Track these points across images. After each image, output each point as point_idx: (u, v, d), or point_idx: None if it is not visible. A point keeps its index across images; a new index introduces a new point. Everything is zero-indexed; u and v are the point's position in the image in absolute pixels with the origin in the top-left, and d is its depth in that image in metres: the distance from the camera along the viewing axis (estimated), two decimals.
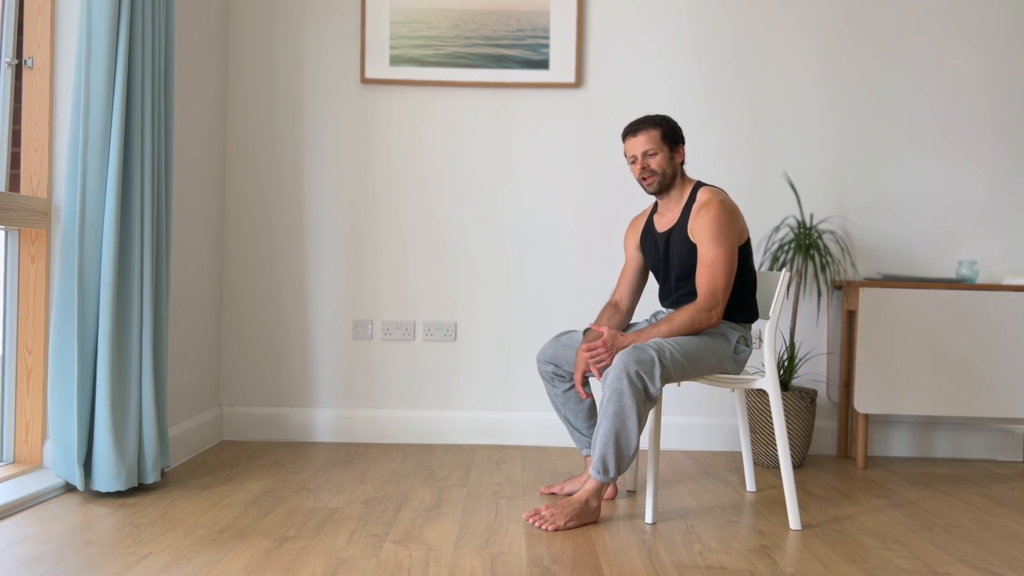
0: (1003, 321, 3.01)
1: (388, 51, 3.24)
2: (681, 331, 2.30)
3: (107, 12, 2.31)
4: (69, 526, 2.12)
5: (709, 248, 2.32)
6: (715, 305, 2.31)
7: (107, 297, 2.34)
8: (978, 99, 3.29)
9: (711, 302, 2.30)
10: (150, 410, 2.45)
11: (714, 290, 2.31)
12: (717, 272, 2.31)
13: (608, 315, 2.59)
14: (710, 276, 2.31)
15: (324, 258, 3.29)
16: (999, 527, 2.35)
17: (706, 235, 2.32)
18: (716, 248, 2.31)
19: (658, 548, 2.08)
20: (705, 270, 2.32)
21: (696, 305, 2.31)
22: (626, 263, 2.65)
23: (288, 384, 3.30)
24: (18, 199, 2.37)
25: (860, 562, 2.02)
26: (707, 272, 2.32)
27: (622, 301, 2.62)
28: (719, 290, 2.31)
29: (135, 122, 2.41)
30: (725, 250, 2.31)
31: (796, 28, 3.28)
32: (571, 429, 2.59)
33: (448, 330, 3.30)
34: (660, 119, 2.43)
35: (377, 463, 2.93)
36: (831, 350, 3.28)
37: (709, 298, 2.31)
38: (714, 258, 2.31)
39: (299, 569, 1.87)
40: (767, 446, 3.03)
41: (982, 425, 3.29)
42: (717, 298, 2.31)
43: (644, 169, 2.42)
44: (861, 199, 3.29)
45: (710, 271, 2.31)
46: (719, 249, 2.31)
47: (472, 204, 3.30)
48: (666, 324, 2.30)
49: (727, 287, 2.32)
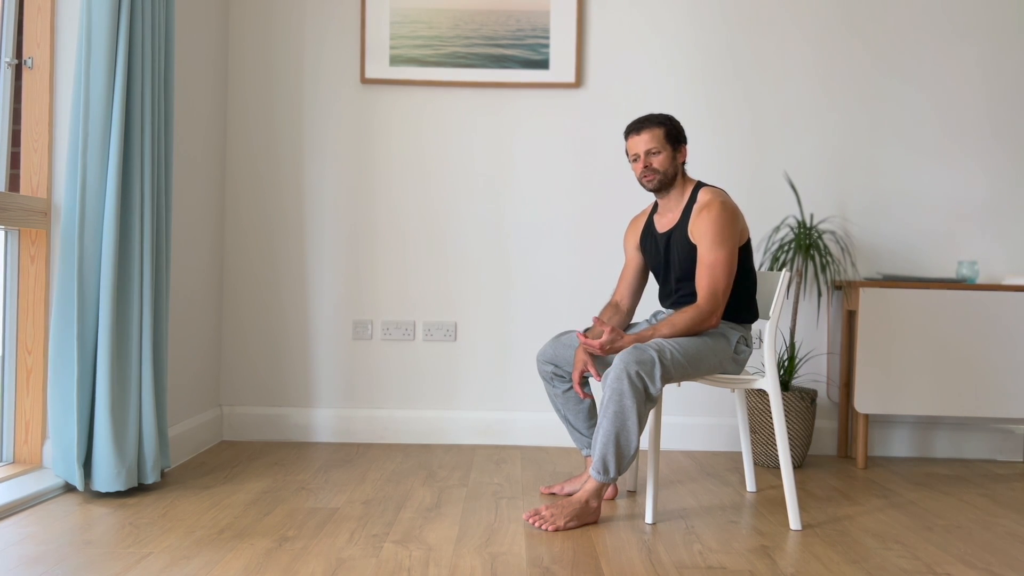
0: (1003, 321, 3.01)
1: (388, 51, 3.24)
2: (682, 333, 2.30)
3: (107, 12, 2.31)
4: (69, 526, 2.12)
5: (710, 250, 2.32)
6: (716, 307, 2.31)
7: (107, 297, 2.34)
8: (978, 99, 3.29)
9: (712, 304, 2.31)
10: (150, 410, 2.45)
11: (715, 292, 2.31)
12: (717, 274, 2.31)
13: (608, 315, 2.59)
14: (711, 278, 2.31)
15: (324, 258, 3.29)
16: (999, 527, 2.35)
17: (707, 237, 2.32)
18: (717, 250, 2.31)
19: (658, 548, 2.08)
20: (705, 272, 2.32)
21: (697, 307, 2.31)
22: (626, 263, 2.65)
23: (288, 384, 3.30)
24: (18, 199, 2.37)
25: (860, 562, 2.01)
26: (707, 274, 2.31)
27: (622, 301, 2.62)
28: (719, 292, 2.31)
29: (135, 122, 2.41)
30: (726, 252, 2.31)
31: (796, 28, 3.28)
32: (571, 429, 2.59)
33: (448, 330, 3.30)
34: (664, 118, 2.43)
35: (377, 463, 2.93)
36: (831, 350, 3.28)
37: (710, 300, 2.31)
38: (714, 260, 2.31)
39: (299, 569, 1.87)
40: (767, 446, 3.03)
41: (982, 425, 3.29)
42: (718, 300, 2.31)
43: (646, 168, 2.42)
44: (861, 199, 3.29)
45: (710, 273, 2.31)
46: (720, 251, 2.31)
47: (472, 204, 3.30)
48: (667, 326, 2.30)
49: (727, 289, 2.32)
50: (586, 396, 2.46)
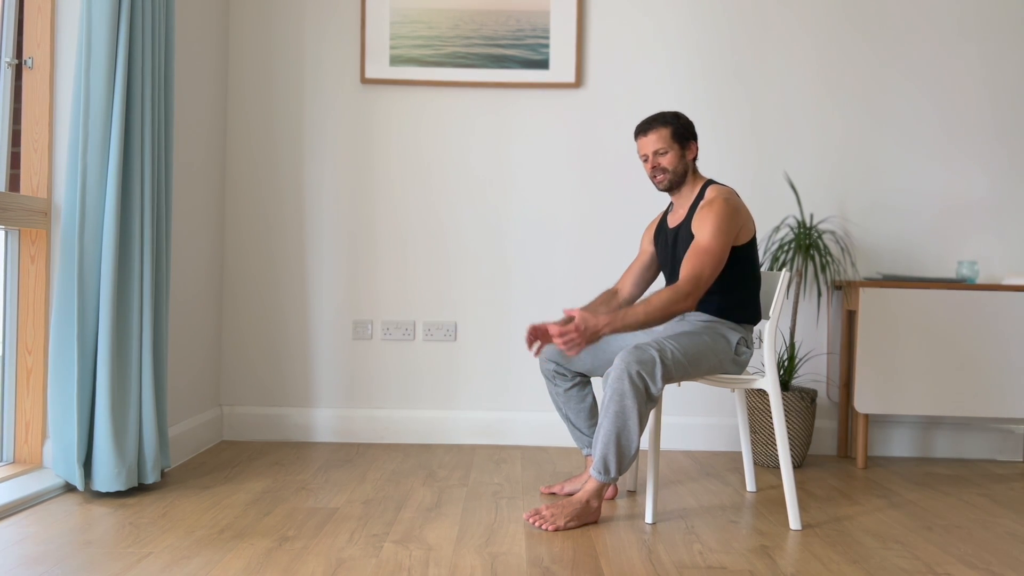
0: (1003, 321, 3.01)
1: (388, 51, 3.24)
2: (657, 312, 2.22)
3: (107, 12, 2.31)
4: (69, 526, 2.12)
5: (703, 237, 2.30)
6: (694, 291, 2.26)
7: (107, 297, 2.33)
8: (978, 99, 3.29)
9: (691, 287, 2.25)
10: (150, 410, 2.45)
11: (698, 276, 2.26)
12: (705, 260, 2.28)
13: (604, 299, 2.58)
14: (697, 262, 2.28)
15: (324, 258, 3.29)
16: (999, 527, 2.35)
17: (704, 227, 2.31)
18: (711, 239, 2.29)
19: (658, 548, 2.08)
20: (693, 256, 2.29)
21: (676, 287, 2.25)
22: (637, 255, 2.65)
23: (288, 384, 3.30)
24: (18, 199, 2.37)
25: (860, 562, 2.02)
26: (695, 258, 2.28)
27: (623, 290, 2.61)
28: (703, 278, 2.27)
29: (135, 122, 2.41)
30: (719, 243, 2.29)
31: (796, 27, 3.28)
32: (572, 428, 2.59)
33: (448, 330, 3.30)
34: (671, 117, 2.43)
35: (377, 463, 2.93)
36: (831, 350, 3.28)
37: (691, 282, 2.26)
38: (707, 247, 2.29)
39: (299, 569, 1.87)
40: (767, 446, 3.03)
41: (982, 425, 3.29)
42: (699, 285, 2.26)
43: (655, 168, 2.43)
44: (861, 199, 3.29)
45: (699, 258, 2.28)
46: (713, 241, 2.29)
47: (472, 204, 3.30)
48: (643, 305, 2.24)
49: (711, 278, 2.29)
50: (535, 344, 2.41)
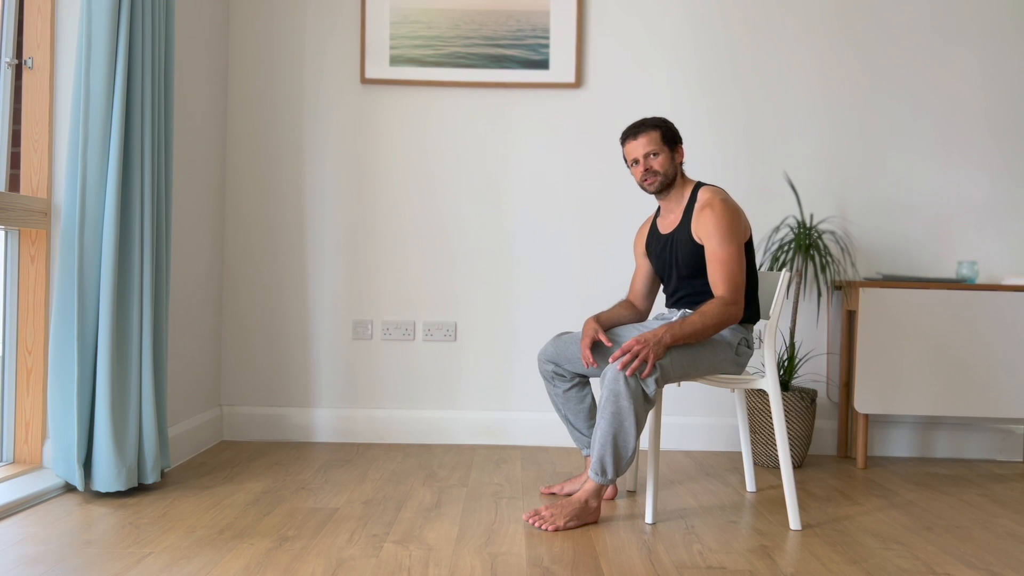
0: (1003, 321, 3.01)
1: (388, 51, 3.24)
2: (713, 320, 2.27)
3: (107, 12, 2.31)
4: (69, 526, 2.12)
5: (720, 246, 2.31)
6: (738, 299, 2.30)
7: (107, 297, 2.34)
8: (978, 99, 3.29)
9: (734, 296, 2.30)
10: (150, 410, 2.45)
11: (735, 285, 2.30)
12: (733, 267, 2.31)
13: (623, 309, 2.59)
14: (727, 271, 2.30)
15: (324, 258, 3.29)
16: (999, 527, 2.35)
17: (715, 235, 2.32)
18: (727, 245, 2.31)
19: (658, 548, 2.08)
20: (720, 267, 2.31)
21: (723, 299, 2.29)
22: (636, 269, 2.66)
23: (288, 384, 3.30)
24: (18, 199, 2.37)
25: (860, 562, 2.02)
26: (723, 268, 2.31)
27: (638, 303, 2.64)
28: (738, 283, 2.31)
29: (135, 122, 2.41)
30: (735, 247, 2.32)
31: (796, 28, 3.28)
32: (571, 429, 2.59)
33: (448, 330, 3.30)
34: (659, 120, 2.44)
35: (377, 463, 2.93)
36: (831, 350, 3.28)
37: (733, 292, 2.30)
38: (727, 255, 2.31)
39: (299, 569, 1.87)
40: (767, 446, 3.03)
41: (982, 425, 3.29)
42: (739, 290, 2.31)
43: (647, 171, 2.42)
44: (861, 199, 3.29)
45: (726, 267, 2.31)
46: (730, 246, 2.31)
47: (472, 204, 3.30)
48: (699, 316, 2.27)
49: (744, 282, 2.33)
50: (594, 364, 2.41)
